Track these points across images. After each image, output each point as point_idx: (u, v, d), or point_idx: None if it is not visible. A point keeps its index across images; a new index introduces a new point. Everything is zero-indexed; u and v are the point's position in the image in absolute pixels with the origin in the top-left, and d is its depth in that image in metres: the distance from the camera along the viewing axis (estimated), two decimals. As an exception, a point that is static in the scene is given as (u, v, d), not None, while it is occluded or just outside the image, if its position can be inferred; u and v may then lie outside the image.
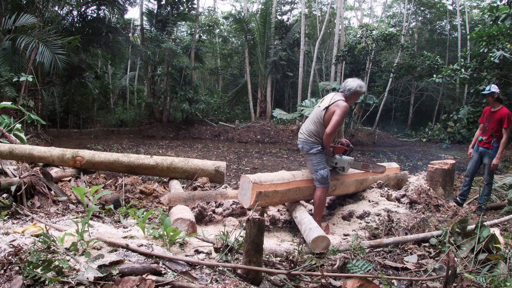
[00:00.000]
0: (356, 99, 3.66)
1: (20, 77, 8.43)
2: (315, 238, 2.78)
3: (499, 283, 1.96)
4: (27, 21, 9.71)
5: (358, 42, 15.42)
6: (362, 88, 3.58)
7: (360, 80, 3.63)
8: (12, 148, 4.76)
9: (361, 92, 3.60)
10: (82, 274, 1.57)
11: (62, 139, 12.48)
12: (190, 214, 3.16)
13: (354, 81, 3.59)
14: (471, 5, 22.40)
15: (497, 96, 4.66)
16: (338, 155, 3.81)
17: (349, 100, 3.57)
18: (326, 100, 3.59)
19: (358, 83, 3.56)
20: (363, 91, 3.61)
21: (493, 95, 4.65)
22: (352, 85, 3.55)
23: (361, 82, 3.61)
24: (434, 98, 20.13)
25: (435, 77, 9.87)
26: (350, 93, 3.55)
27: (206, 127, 16.77)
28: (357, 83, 3.56)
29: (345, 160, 3.84)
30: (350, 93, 3.55)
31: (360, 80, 3.63)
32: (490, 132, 4.71)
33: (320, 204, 3.61)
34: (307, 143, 3.61)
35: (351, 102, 3.60)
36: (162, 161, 4.67)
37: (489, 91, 4.67)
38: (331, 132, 3.43)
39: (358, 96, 3.63)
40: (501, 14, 8.49)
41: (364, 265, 2.09)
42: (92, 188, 2.51)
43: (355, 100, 3.66)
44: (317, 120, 3.58)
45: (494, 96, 4.65)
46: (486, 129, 4.80)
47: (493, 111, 4.73)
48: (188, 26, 22.48)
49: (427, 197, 4.59)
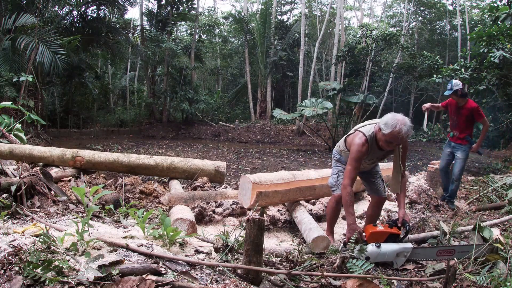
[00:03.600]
0: (389, 143, 2.54)
1: (20, 77, 8.42)
2: (315, 238, 2.78)
3: (499, 283, 1.96)
4: (27, 21, 9.71)
5: (358, 42, 15.40)
6: (402, 130, 2.42)
7: (404, 117, 2.50)
8: (12, 148, 4.76)
9: (398, 134, 2.43)
10: (82, 274, 1.57)
11: (62, 139, 12.47)
12: (190, 214, 3.16)
13: (394, 117, 2.49)
14: (471, 5, 22.39)
15: (461, 93, 4.44)
16: (373, 245, 2.40)
17: (381, 140, 2.58)
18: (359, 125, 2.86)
19: (396, 121, 2.44)
20: (402, 133, 2.43)
21: (456, 93, 4.43)
22: (388, 121, 2.48)
23: (402, 120, 2.46)
24: (434, 98, 20.11)
25: (435, 77, 9.85)
26: (384, 132, 2.49)
27: (206, 127, 16.77)
28: (396, 121, 2.45)
29: (389, 253, 2.41)
30: (384, 132, 2.49)
31: (404, 118, 2.49)
32: (461, 128, 4.59)
33: (327, 212, 3.16)
34: (336, 148, 3.17)
35: (382, 144, 2.58)
36: (162, 161, 4.68)
37: (451, 90, 4.42)
38: (347, 175, 2.64)
39: (393, 139, 2.48)
40: (501, 14, 8.48)
41: (364, 265, 2.09)
42: (92, 188, 2.51)
43: (389, 144, 2.55)
44: (343, 141, 2.98)
45: (458, 93, 4.43)
46: (456, 124, 4.65)
47: (459, 106, 4.55)
48: (188, 26, 22.48)
49: (427, 197, 4.59)
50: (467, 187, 5.61)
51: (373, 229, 2.48)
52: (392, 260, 2.44)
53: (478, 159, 11.21)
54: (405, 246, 2.45)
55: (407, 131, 2.43)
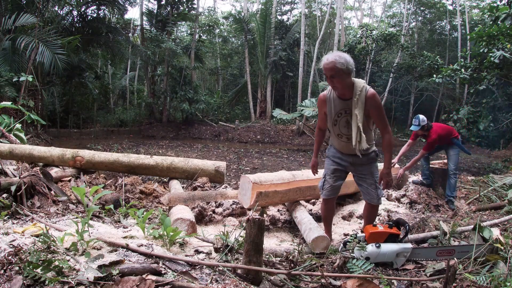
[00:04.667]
0: (326, 78, 2.55)
1: (20, 77, 8.43)
2: (315, 238, 2.78)
3: (499, 283, 1.96)
4: (27, 21, 9.71)
5: (358, 42, 15.41)
6: (325, 58, 2.50)
7: (339, 52, 2.58)
8: (12, 148, 4.76)
9: (324, 63, 2.48)
10: (82, 274, 1.57)
11: (62, 139, 12.47)
12: (190, 214, 3.16)
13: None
14: (471, 5, 22.39)
15: (426, 128, 4.61)
16: (373, 245, 2.41)
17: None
18: None
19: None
20: (325, 60, 2.47)
21: (423, 128, 4.60)
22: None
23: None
24: (434, 98, 20.12)
25: (435, 77, 9.85)
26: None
27: (206, 127, 16.77)
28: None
29: (389, 253, 2.42)
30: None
31: (338, 52, 2.66)
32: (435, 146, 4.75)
33: (321, 214, 3.18)
34: None
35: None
36: (162, 161, 4.68)
37: (418, 126, 4.57)
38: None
39: (324, 70, 2.51)
40: (501, 14, 8.48)
41: (364, 265, 2.09)
42: (92, 188, 2.51)
43: (328, 80, 2.53)
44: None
45: (424, 128, 4.61)
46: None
47: (424, 136, 4.77)
48: (188, 26, 22.47)
49: (427, 197, 4.60)
50: (467, 187, 5.61)
51: (373, 229, 2.48)
52: (392, 260, 2.43)
53: (478, 159, 11.22)
54: (405, 246, 2.45)
55: (329, 58, 2.44)
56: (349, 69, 2.45)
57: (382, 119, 2.59)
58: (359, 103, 2.51)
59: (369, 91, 2.51)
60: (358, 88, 2.51)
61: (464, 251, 2.47)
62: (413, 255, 2.50)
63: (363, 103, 2.50)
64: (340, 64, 2.40)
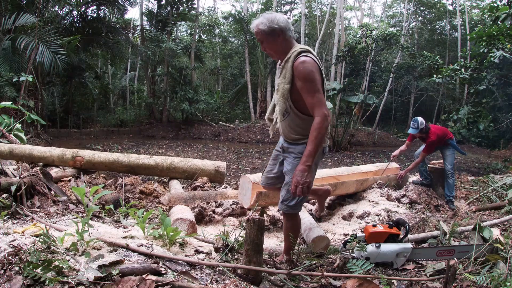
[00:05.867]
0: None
1: (20, 77, 8.42)
2: (315, 238, 2.78)
3: (499, 283, 1.96)
4: (27, 21, 9.71)
5: (358, 42, 15.40)
6: (253, 21, 2.14)
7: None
8: (12, 148, 4.76)
9: (253, 28, 2.12)
10: (82, 274, 1.57)
11: (62, 139, 12.47)
12: (190, 214, 3.16)
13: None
14: (471, 5, 22.40)
15: (425, 130, 4.64)
16: (373, 245, 2.40)
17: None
18: None
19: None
20: (253, 24, 2.11)
21: (422, 131, 4.63)
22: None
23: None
24: (434, 98, 20.13)
25: (435, 77, 9.86)
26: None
27: (206, 127, 16.76)
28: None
29: (389, 253, 2.41)
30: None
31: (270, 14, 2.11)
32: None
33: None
34: None
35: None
36: (162, 161, 4.68)
37: (417, 129, 4.59)
38: None
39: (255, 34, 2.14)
40: (501, 14, 8.49)
41: (364, 265, 2.09)
42: (92, 188, 2.51)
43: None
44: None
45: (423, 131, 4.64)
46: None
47: (422, 138, 4.82)
48: (188, 26, 22.47)
49: (427, 197, 4.60)
50: (467, 187, 5.60)
51: (373, 229, 2.47)
52: (392, 260, 2.42)
53: (478, 159, 11.21)
54: (405, 246, 2.43)
55: (254, 21, 2.08)
56: (273, 28, 2.00)
57: (310, 94, 1.95)
58: (284, 72, 2.04)
59: (299, 57, 1.96)
60: (289, 54, 2.02)
61: (464, 251, 2.46)
62: (413, 255, 2.48)
63: (290, 74, 1.99)
64: (262, 25, 2.00)
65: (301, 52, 2.00)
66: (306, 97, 1.97)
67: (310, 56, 1.97)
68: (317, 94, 1.94)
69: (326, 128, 1.95)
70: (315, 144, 1.95)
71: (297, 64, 1.95)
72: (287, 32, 2.03)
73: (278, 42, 2.04)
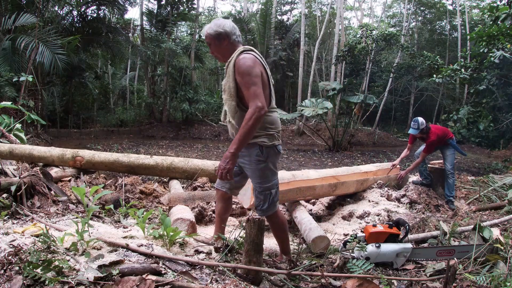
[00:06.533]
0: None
1: (20, 77, 8.42)
2: (315, 238, 2.78)
3: (499, 283, 1.96)
4: (27, 21, 9.71)
5: (358, 42, 15.41)
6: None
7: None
8: (12, 148, 4.76)
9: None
10: (82, 274, 1.57)
11: (62, 139, 12.47)
12: (190, 214, 3.16)
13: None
14: (471, 5, 22.40)
15: (425, 130, 4.63)
16: (373, 245, 2.40)
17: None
18: None
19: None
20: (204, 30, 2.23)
21: (422, 131, 4.63)
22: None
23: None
24: (434, 98, 20.12)
25: (435, 77, 9.86)
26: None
27: (206, 127, 16.76)
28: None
29: (389, 253, 2.41)
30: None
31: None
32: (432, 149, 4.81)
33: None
34: None
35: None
36: (162, 161, 4.68)
37: (418, 130, 4.59)
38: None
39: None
40: (501, 14, 8.49)
41: (364, 265, 2.09)
42: (92, 188, 2.51)
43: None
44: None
45: (424, 131, 4.64)
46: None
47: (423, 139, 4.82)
48: (188, 26, 22.47)
49: (427, 197, 4.60)
50: (467, 187, 5.61)
51: (373, 229, 2.47)
52: (392, 260, 2.42)
53: (478, 159, 11.21)
54: (405, 246, 2.43)
55: (206, 26, 2.18)
56: (219, 32, 2.10)
57: (247, 87, 1.99)
58: (228, 72, 2.12)
59: (240, 56, 2.04)
60: (233, 55, 2.10)
61: (464, 251, 2.46)
62: (413, 255, 2.48)
63: (232, 71, 2.06)
64: (210, 29, 2.12)
65: (243, 51, 2.09)
66: (244, 91, 2.03)
67: (251, 53, 2.08)
68: (253, 87, 1.99)
69: (257, 119, 1.97)
70: (243, 133, 1.99)
71: (237, 60, 2.04)
72: (231, 36, 2.14)
73: (224, 45, 2.15)
